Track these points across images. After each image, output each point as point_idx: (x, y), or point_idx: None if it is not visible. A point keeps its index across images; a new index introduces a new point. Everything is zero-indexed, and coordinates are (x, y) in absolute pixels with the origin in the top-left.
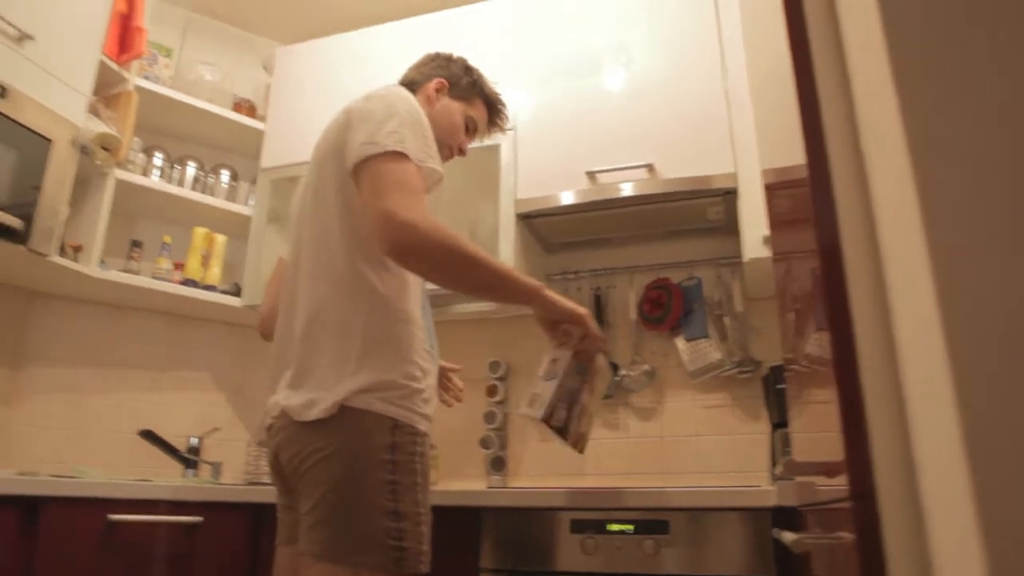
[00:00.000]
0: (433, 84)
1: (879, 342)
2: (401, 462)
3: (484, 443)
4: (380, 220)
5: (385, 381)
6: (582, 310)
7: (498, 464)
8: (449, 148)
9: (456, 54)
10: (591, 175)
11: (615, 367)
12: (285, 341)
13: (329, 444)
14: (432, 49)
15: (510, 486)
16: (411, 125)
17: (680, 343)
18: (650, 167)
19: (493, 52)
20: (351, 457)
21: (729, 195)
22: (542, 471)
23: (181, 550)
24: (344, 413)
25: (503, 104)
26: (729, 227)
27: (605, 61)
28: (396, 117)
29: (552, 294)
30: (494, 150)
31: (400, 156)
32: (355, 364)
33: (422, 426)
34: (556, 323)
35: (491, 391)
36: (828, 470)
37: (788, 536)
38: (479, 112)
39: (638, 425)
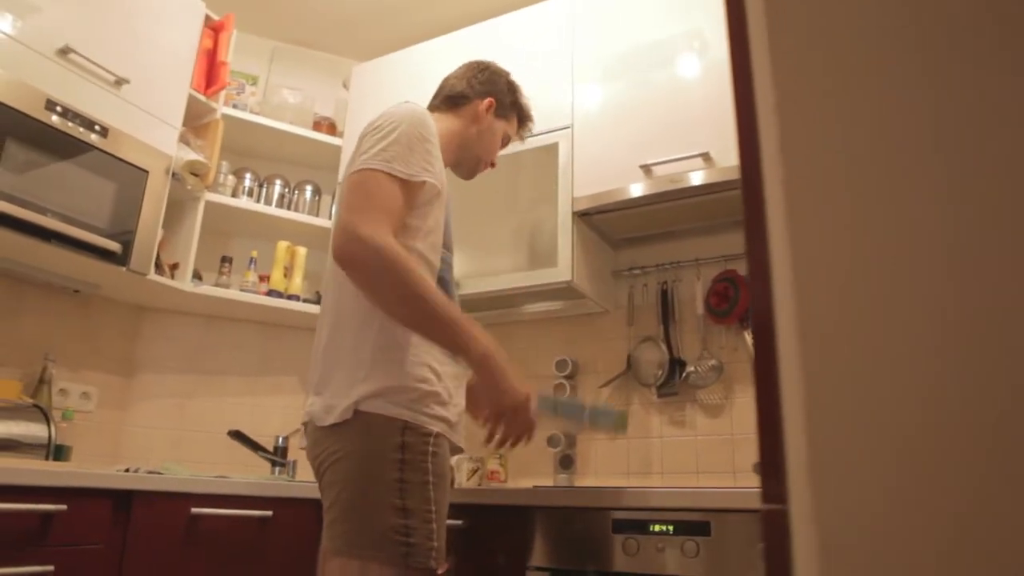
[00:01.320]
0: (485, 103)
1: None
2: (411, 461)
3: (551, 442)
4: (337, 228)
5: (394, 386)
6: (521, 397)
7: (566, 462)
8: (486, 163)
9: (500, 66)
10: (646, 168)
11: (682, 364)
12: (315, 352)
13: (343, 447)
14: (490, 55)
15: (577, 484)
16: (410, 142)
17: (748, 336)
18: (706, 156)
19: (548, 52)
20: (362, 458)
21: None
22: (611, 469)
23: (254, 542)
24: (357, 417)
25: (532, 120)
26: None
27: (658, 54)
28: (394, 135)
29: (500, 369)
30: (552, 149)
31: (382, 174)
32: (366, 370)
33: (435, 427)
34: (492, 401)
35: (558, 389)
36: None
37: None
38: (512, 127)
39: (706, 422)
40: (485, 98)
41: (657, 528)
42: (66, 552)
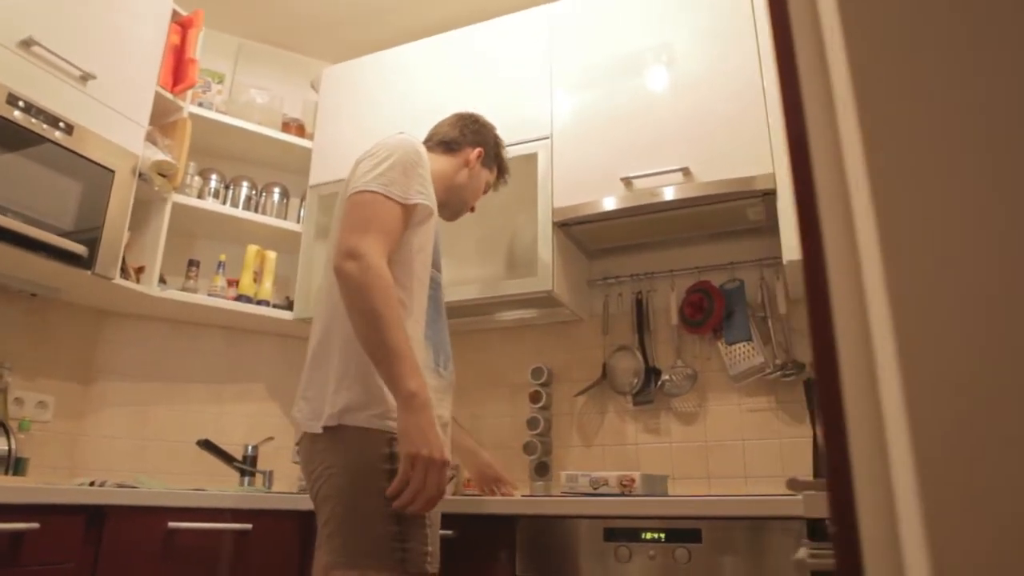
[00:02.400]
0: (476, 152)
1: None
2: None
3: (527, 449)
4: (337, 244)
5: (379, 396)
6: (431, 450)
7: (542, 469)
8: (470, 207)
9: (484, 118)
10: (626, 181)
11: (657, 372)
12: (306, 361)
13: (335, 463)
14: (467, 62)
15: (553, 492)
16: (405, 168)
17: (722, 346)
18: (686, 171)
19: (528, 62)
20: (353, 472)
21: (769, 196)
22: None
23: (234, 556)
24: (345, 432)
25: (508, 172)
26: (771, 227)
27: (638, 66)
28: (390, 160)
29: (423, 414)
30: (531, 159)
31: (380, 195)
32: (351, 379)
33: None
34: (408, 443)
35: (534, 397)
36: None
37: (802, 552)
38: (492, 177)
39: (680, 429)
40: (476, 147)
41: (649, 536)
42: (39, 572)
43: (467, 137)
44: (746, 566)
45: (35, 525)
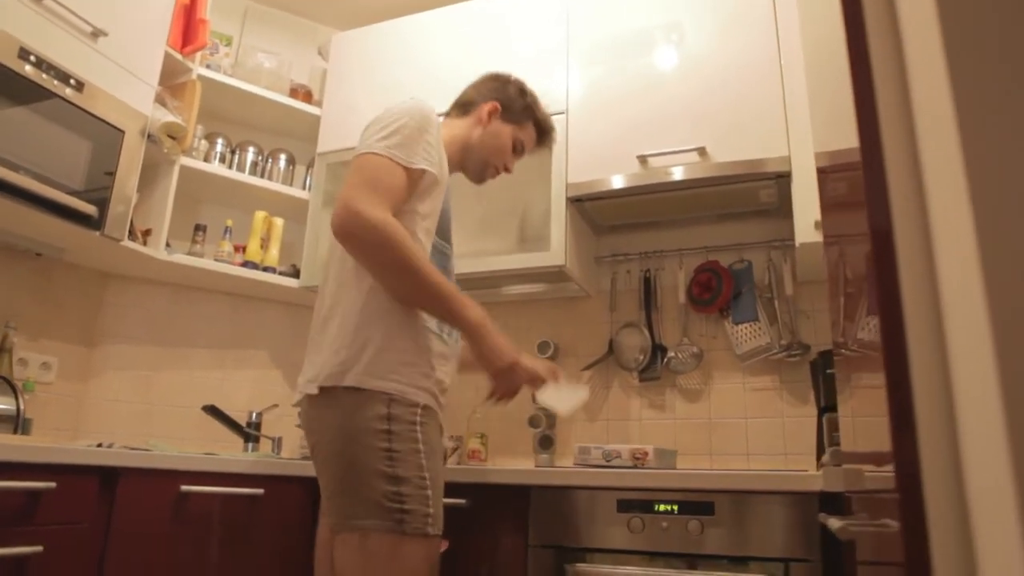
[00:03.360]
0: (488, 107)
1: (929, 333)
2: (398, 432)
3: (532, 422)
4: (337, 203)
5: (378, 357)
6: (508, 361)
7: (546, 443)
8: (495, 167)
9: (513, 76)
10: (642, 159)
11: (663, 349)
12: (312, 329)
13: (332, 424)
14: (482, 33)
15: (557, 464)
16: (411, 133)
17: (728, 326)
18: (702, 150)
19: (544, 35)
20: (350, 432)
21: (782, 178)
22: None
23: (246, 520)
24: (341, 393)
25: (552, 128)
26: (781, 209)
27: (656, 42)
28: (398, 123)
29: (490, 336)
30: None
31: (384, 157)
32: (351, 339)
33: (420, 399)
34: (485, 365)
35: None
36: (876, 459)
37: (835, 522)
38: (528, 135)
39: (685, 406)
40: (490, 102)
41: (662, 508)
42: (55, 532)
43: (482, 94)
44: (759, 537)
45: (52, 484)
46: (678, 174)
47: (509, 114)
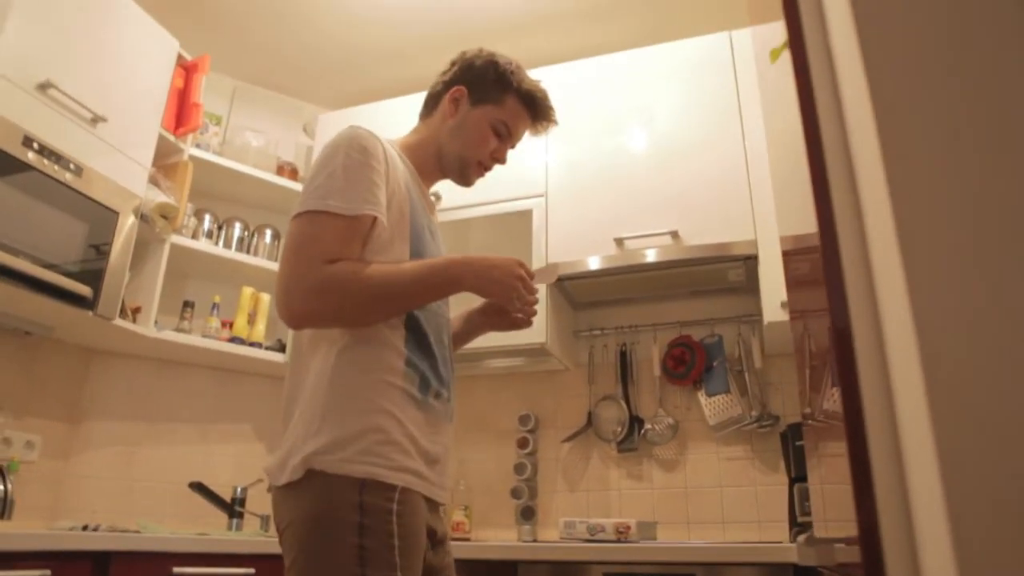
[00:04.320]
0: (450, 94)
1: (883, 406)
2: (370, 526)
3: (515, 493)
4: (276, 301)
5: (347, 436)
6: (511, 273)
7: (528, 513)
8: (477, 162)
9: (484, 49)
10: (618, 241)
11: (640, 421)
12: (281, 410)
13: (297, 510)
14: None
15: (540, 534)
16: (347, 172)
17: (702, 398)
18: (674, 234)
19: None
20: (316, 522)
21: (750, 260)
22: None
23: None
24: (311, 477)
25: (543, 95)
26: (749, 286)
27: (629, 131)
28: (328, 168)
29: (476, 267)
30: (526, 215)
31: (312, 216)
32: (319, 423)
33: (397, 480)
34: (499, 296)
35: (521, 443)
36: (845, 534)
37: None
38: (510, 111)
39: (662, 476)
40: (450, 89)
41: None
42: None
43: (445, 84)
44: None
45: (47, 572)
46: (652, 256)
47: (479, 94)
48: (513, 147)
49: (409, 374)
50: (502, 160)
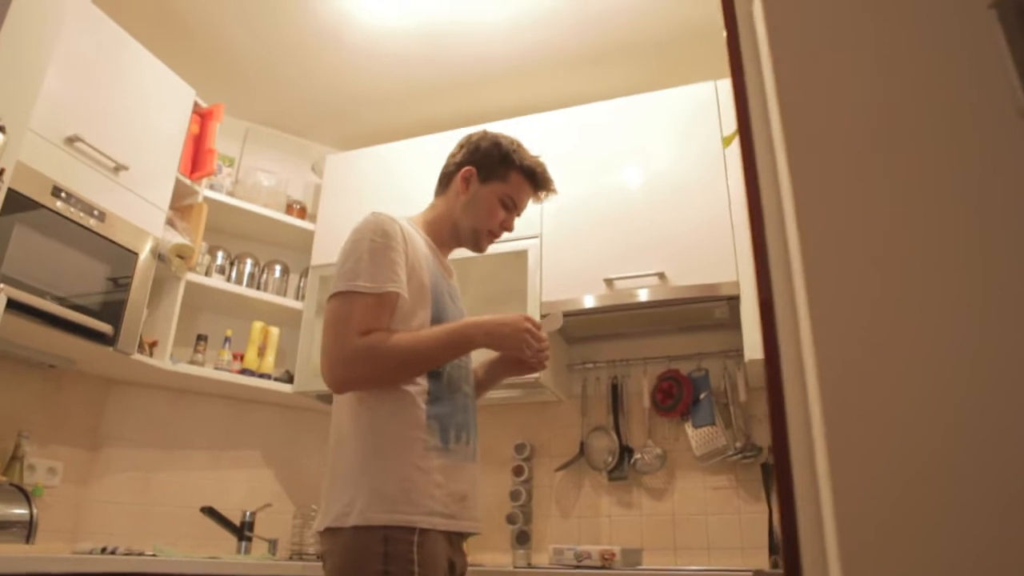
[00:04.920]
0: (461, 174)
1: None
2: (393, 559)
3: (510, 519)
4: (321, 368)
5: (379, 493)
6: (519, 329)
7: (523, 538)
8: (488, 232)
9: (489, 131)
10: (608, 281)
11: (630, 451)
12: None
13: (335, 552)
14: None
15: (534, 560)
16: (372, 255)
17: (689, 429)
18: (661, 275)
19: None
20: (348, 559)
21: (733, 299)
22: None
23: None
24: (346, 532)
25: (542, 169)
26: (733, 323)
27: (622, 176)
28: (355, 253)
29: (487, 327)
30: (522, 256)
31: (345, 295)
32: (355, 480)
33: (422, 524)
34: (509, 349)
35: (517, 471)
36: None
37: None
38: (515, 186)
39: (651, 504)
40: (463, 168)
41: None
42: None
43: (456, 163)
44: None
45: None
46: (641, 296)
47: (487, 172)
48: (519, 216)
49: (431, 426)
50: (510, 228)
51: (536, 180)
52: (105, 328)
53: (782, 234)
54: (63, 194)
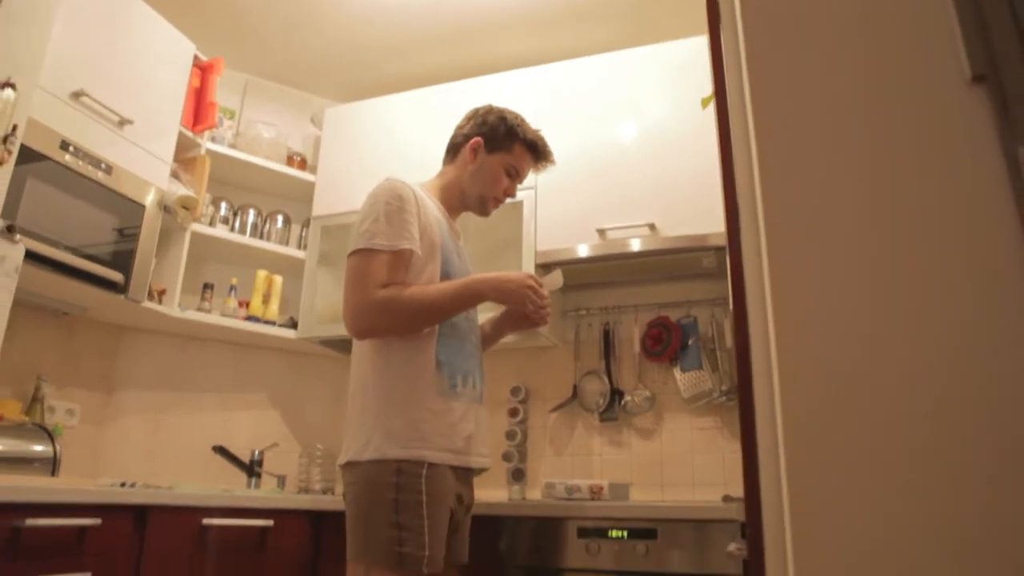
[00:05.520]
0: (469, 145)
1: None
2: (404, 486)
3: (506, 457)
4: (343, 315)
5: (393, 432)
6: (522, 286)
7: (518, 475)
8: (493, 199)
9: (495, 105)
10: (601, 231)
11: (620, 394)
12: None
13: (354, 483)
14: (461, 110)
15: (528, 495)
16: (387, 217)
17: (677, 373)
18: (652, 226)
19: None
20: (366, 491)
21: (720, 250)
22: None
23: (258, 548)
24: (364, 464)
25: (543, 142)
26: (721, 272)
27: (615, 129)
28: (372, 214)
29: (494, 282)
30: (517, 207)
31: (364, 252)
32: (372, 420)
33: (431, 458)
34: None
35: (513, 412)
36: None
37: (731, 546)
38: (519, 157)
39: (640, 443)
40: (472, 139)
41: (614, 534)
42: (99, 560)
43: (464, 134)
44: (692, 558)
45: (98, 521)
46: (633, 246)
47: (493, 144)
48: (521, 183)
49: (440, 372)
50: (512, 194)
51: (537, 152)
52: (116, 277)
53: (752, 194)
54: (71, 148)
